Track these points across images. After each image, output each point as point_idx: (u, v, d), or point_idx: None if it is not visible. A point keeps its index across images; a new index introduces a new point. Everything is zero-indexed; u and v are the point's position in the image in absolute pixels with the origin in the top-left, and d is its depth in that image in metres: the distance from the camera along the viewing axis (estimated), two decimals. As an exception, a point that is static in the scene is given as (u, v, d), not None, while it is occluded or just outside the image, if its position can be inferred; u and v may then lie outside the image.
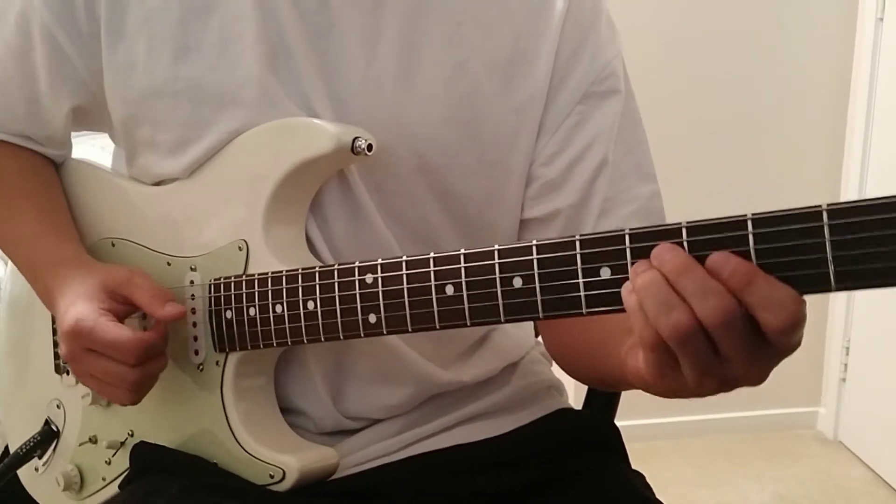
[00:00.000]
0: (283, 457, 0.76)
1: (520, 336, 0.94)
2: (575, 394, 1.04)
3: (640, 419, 2.28)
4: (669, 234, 0.52)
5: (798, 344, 0.52)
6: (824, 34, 2.43)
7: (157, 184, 0.83)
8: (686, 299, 0.50)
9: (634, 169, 0.83)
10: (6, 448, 0.99)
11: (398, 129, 0.76)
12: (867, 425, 2.47)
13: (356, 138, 0.72)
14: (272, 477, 0.76)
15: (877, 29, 2.34)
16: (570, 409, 0.95)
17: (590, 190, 0.80)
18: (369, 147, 0.73)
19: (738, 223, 0.50)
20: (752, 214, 0.50)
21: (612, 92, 0.81)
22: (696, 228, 0.51)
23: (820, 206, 0.48)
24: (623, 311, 0.54)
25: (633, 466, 0.91)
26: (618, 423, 0.95)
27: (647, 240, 0.53)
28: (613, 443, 0.92)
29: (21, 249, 0.86)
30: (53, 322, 0.91)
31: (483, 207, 0.81)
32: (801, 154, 2.48)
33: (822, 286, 0.48)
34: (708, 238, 0.51)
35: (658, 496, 0.85)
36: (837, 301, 2.53)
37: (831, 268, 0.48)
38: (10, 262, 0.92)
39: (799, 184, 2.44)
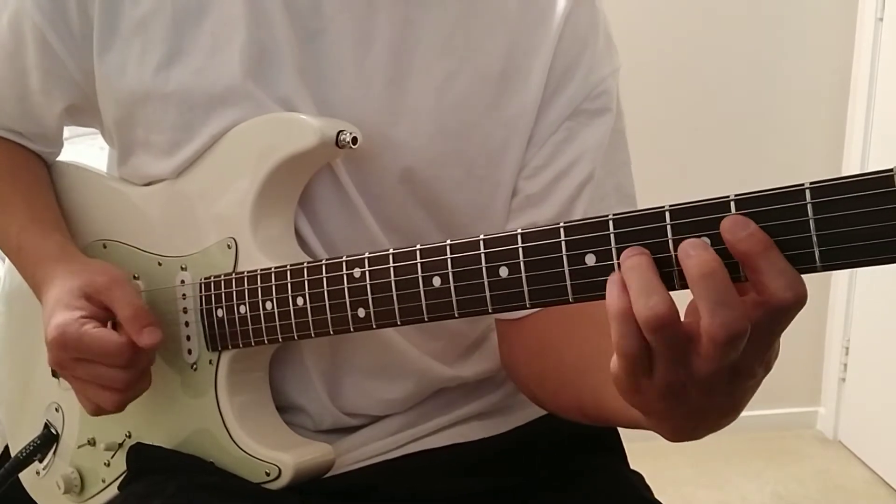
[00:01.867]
0: (279, 454, 0.76)
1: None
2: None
3: (640, 420, 2.27)
4: (653, 218, 0.52)
5: (769, 368, 0.52)
6: (824, 34, 2.43)
7: (147, 184, 0.83)
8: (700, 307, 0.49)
9: (615, 190, 0.82)
10: (6, 448, 0.99)
11: (385, 138, 0.76)
12: (867, 425, 2.46)
13: (340, 132, 0.72)
14: (268, 475, 0.76)
15: (876, 29, 2.35)
16: (569, 409, 0.95)
17: (570, 206, 0.79)
18: (354, 140, 0.73)
19: (720, 205, 0.50)
20: (735, 195, 0.49)
21: (604, 110, 0.80)
22: (678, 211, 0.51)
23: (803, 184, 0.48)
24: None
25: (633, 466, 0.91)
26: (617, 423, 0.95)
27: (630, 225, 0.53)
28: (611, 442, 0.92)
29: (10, 243, 0.86)
30: (48, 325, 0.92)
31: (471, 220, 0.80)
32: (801, 154, 2.48)
33: (808, 265, 0.48)
34: (692, 220, 0.51)
35: (658, 496, 0.85)
36: (837, 301, 2.53)
37: (816, 246, 0.47)
38: (7, 259, 0.92)
39: (799, 184, 2.43)
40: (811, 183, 0.47)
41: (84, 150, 0.99)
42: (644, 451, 0.95)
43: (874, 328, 2.42)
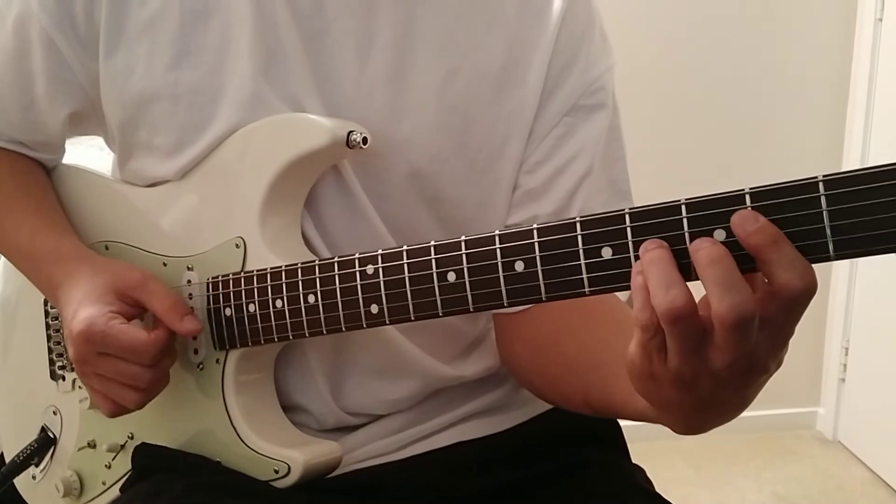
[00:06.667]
0: (288, 451, 0.76)
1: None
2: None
3: (640, 420, 2.27)
4: (669, 211, 0.52)
5: (781, 359, 0.53)
6: (824, 34, 2.44)
7: (151, 185, 0.83)
8: (707, 288, 0.50)
9: (609, 185, 0.84)
10: (1, 455, 0.99)
11: (389, 135, 0.77)
12: (866, 425, 2.47)
13: (351, 132, 0.73)
14: (277, 472, 0.75)
15: (876, 29, 2.36)
16: (570, 405, 0.95)
17: (569, 200, 0.81)
18: (364, 140, 0.73)
19: (736, 197, 0.50)
20: (750, 188, 0.50)
21: (600, 106, 0.82)
22: (694, 204, 0.52)
23: (816, 177, 0.48)
24: (626, 288, 0.54)
25: (633, 465, 0.91)
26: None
27: (647, 218, 0.53)
28: (613, 437, 0.92)
29: (21, 247, 0.86)
30: (48, 328, 0.92)
31: (472, 214, 0.81)
32: (801, 154, 2.49)
33: (822, 254, 0.49)
34: (707, 213, 0.51)
35: (657, 495, 0.85)
36: (837, 302, 2.53)
37: (830, 237, 0.48)
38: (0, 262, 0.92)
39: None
40: (824, 175, 0.48)
41: (83, 150, 0.98)
42: (644, 451, 0.95)
43: (874, 329, 2.43)
